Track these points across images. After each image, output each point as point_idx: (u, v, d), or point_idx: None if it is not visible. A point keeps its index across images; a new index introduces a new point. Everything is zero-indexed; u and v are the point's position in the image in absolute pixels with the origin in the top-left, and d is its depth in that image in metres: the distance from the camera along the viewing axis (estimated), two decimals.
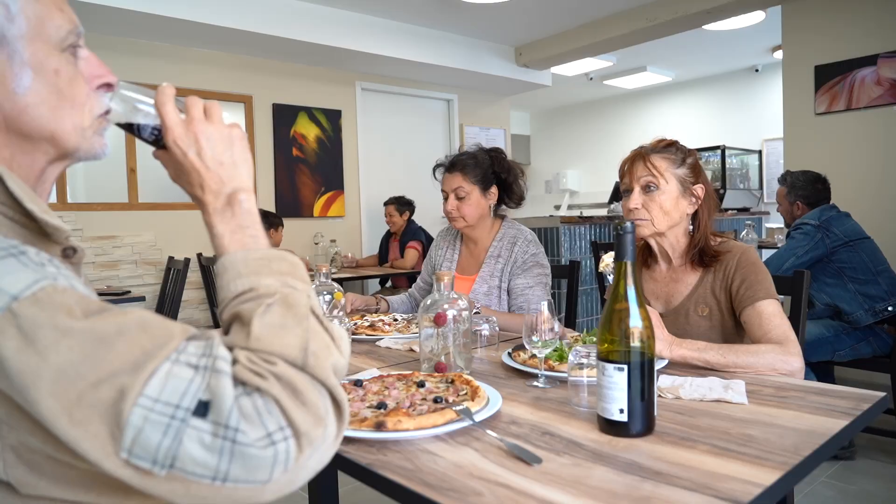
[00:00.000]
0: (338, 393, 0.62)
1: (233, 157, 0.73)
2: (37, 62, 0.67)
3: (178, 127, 0.72)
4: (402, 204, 4.97)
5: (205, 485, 0.54)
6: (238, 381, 0.57)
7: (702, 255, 1.56)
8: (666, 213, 1.54)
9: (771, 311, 1.42)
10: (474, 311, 1.76)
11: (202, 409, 0.54)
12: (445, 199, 2.12)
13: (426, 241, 4.86)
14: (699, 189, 1.57)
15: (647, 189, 1.55)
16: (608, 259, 1.37)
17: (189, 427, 0.54)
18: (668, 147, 1.58)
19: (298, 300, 0.65)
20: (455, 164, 2.11)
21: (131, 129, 0.75)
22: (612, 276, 1.32)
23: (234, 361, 0.59)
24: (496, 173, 2.13)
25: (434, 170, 2.20)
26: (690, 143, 1.67)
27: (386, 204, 5.04)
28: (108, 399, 0.53)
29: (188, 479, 0.54)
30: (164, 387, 0.54)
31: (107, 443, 0.53)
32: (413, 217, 5.04)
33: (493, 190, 2.13)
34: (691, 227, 1.59)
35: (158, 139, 0.74)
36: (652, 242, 1.61)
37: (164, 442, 0.53)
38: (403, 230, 4.95)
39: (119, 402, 0.53)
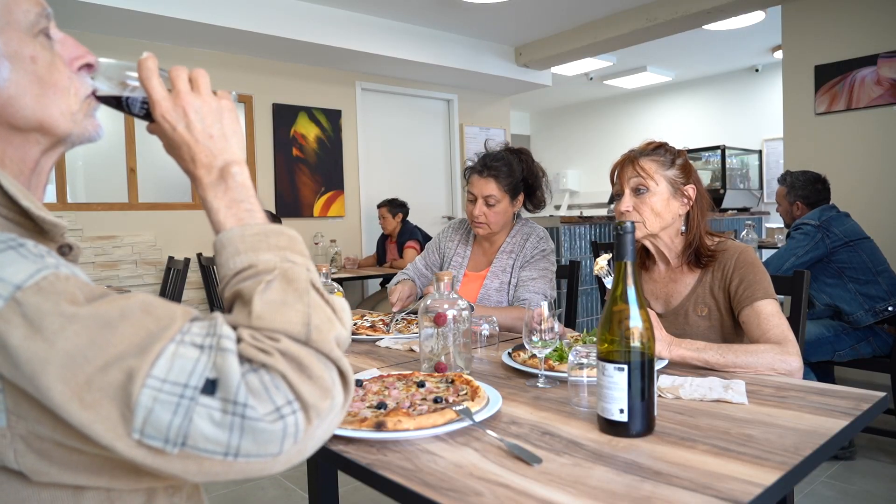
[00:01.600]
0: (343, 364, 0.63)
1: (223, 129, 0.71)
2: (11, 52, 0.66)
3: (165, 101, 0.70)
4: (395, 206, 4.97)
5: (217, 461, 0.55)
6: (244, 359, 0.58)
7: (697, 255, 1.56)
8: (657, 214, 1.54)
9: (769, 311, 1.42)
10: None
11: (210, 387, 0.55)
12: (472, 201, 2.07)
13: (423, 239, 4.86)
14: (690, 189, 1.57)
15: (637, 192, 1.55)
16: (602, 262, 1.38)
17: (198, 405, 0.54)
18: (657, 149, 1.58)
19: (298, 274, 0.64)
20: (490, 169, 2.04)
21: (119, 105, 0.73)
22: (607, 277, 1.34)
23: (239, 339, 0.59)
24: (524, 179, 2.10)
25: (465, 171, 2.14)
26: (690, 143, 1.69)
27: (379, 206, 5.04)
28: (117, 381, 0.54)
29: (200, 455, 0.55)
30: (172, 367, 0.55)
31: (118, 424, 0.54)
32: (408, 218, 5.04)
33: (520, 198, 2.11)
34: (684, 228, 1.60)
35: (149, 113, 0.72)
36: (647, 244, 1.62)
37: (175, 420, 0.54)
38: (400, 231, 4.95)
39: (128, 384, 0.54)
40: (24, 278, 0.55)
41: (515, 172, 2.06)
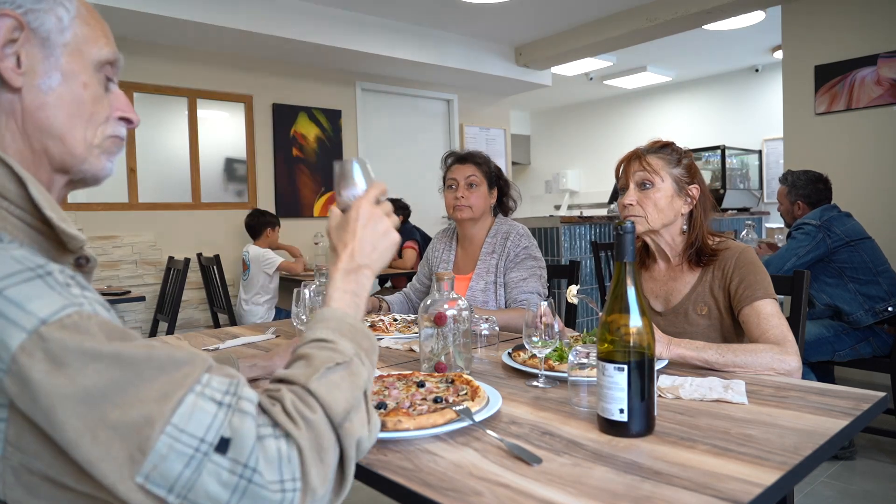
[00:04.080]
0: (349, 465, 0.67)
1: (379, 245, 0.88)
2: (69, 70, 0.72)
3: (368, 204, 0.89)
4: (397, 207, 4.97)
5: None
6: (273, 421, 0.62)
7: (699, 255, 1.57)
8: (660, 210, 1.55)
9: (769, 311, 1.42)
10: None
11: (223, 445, 0.57)
12: (454, 187, 2.16)
13: (421, 239, 4.86)
14: (694, 189, 1.58)
15: (642, 186, 1.56)
16: (573, 290, 1.45)
17: (210, 461, 0.56)
18: (664, 148, 1.59)
19: (361, 374, 0.72)
20: (470, 156, 2.21)
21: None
22: (578, 303, 1.50)
23: (277, 401, 0.64)
24: (497, 178, 2.24)
25: (445, 159, 2.26)
26: (690, 143, 1.70)
27: None
28: (133, 424, 0.55)
29: None
30: (190, 418, 0.57)
31: (124, 466, 0.54)
32: (409, 219, 5.04)
33: (494, 192, 2.23)
34: (686, 227, 1.60)
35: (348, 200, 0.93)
36: (648, 240, 1.62)
37: (185, 473, 0.55)
38: (399, 231, 4.94)
39: (145, 427, 0.55)
40: (50, 313, 0.56)
41: (490, 165, 2.23)
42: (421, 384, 1.18)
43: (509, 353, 1.44)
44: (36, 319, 0.55)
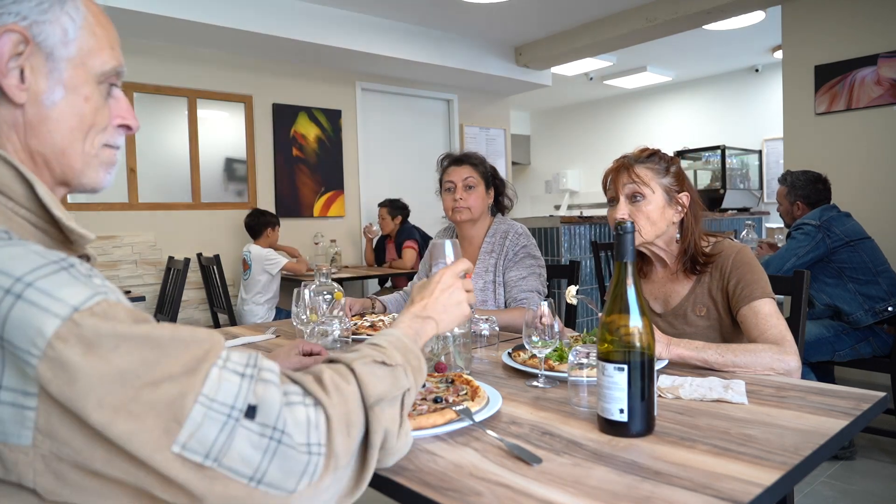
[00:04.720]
0: (371, 455, 0.71)
1: (451, 311, 0.99)
2: (73, 85, 0.73)
3: (452, 274, 1.01)
4: (395, 207, 4.96)
5: (241, 484, 0.60)
6: (304, 390, 0.67)
7: (693, 262, 1.56)
8: (653, 222, 1.53)
9: (767, 311, 1.42)
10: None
11: (251, 412, 0.62)
12: (452, 190, 2.15)
13: (421, 239, 4.86)
14: (684, 197, 1.56)
15: (633, 199, 1.54)
16: (573, 290, 1.45)
17: (241, 426, 0.60)
18: (651, 157, 1.57)
19: (401, 383, 0.78)
20: (467, 157, 2.21)
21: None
22: (576, 304, 1.51)
23: (311, 374, 0.70)
24: (493, 178, 2.24)
25: (441, 160, 2.25)
26: (690, 143, 1.69)
27: (380, 205, 5.04)
28: (167, 397, 0.58)
29: (228, 477, 0.60)
30: (219, 388, 0.61)
31: (160, 437, 0.57)
32: (408, 219, 5.04)
33: (491, 192, 2.22)
34: (678, 235, 1.59)
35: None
36: (644, 250, 1.61)
37: (220, 437, 0.59)
38: (398, 231, 4.95)
39: (179, 399, 0.58)
40: (80, 301, 0.58)
41: (486, 166, 2.23)
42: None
43: (509, 353, 1.44)
44: (69, 307, 0.57)
